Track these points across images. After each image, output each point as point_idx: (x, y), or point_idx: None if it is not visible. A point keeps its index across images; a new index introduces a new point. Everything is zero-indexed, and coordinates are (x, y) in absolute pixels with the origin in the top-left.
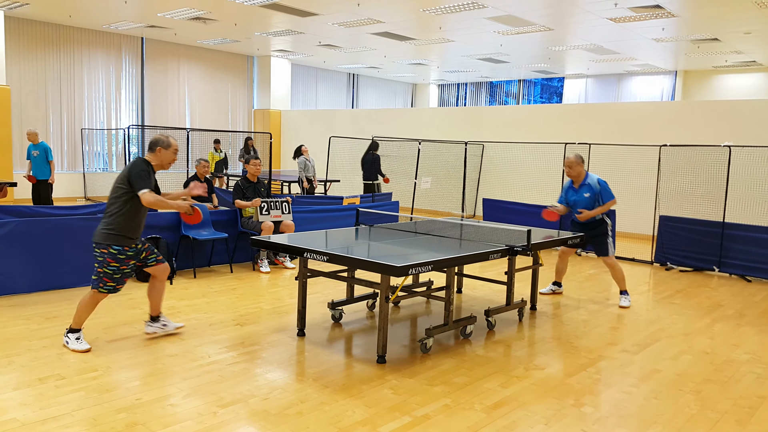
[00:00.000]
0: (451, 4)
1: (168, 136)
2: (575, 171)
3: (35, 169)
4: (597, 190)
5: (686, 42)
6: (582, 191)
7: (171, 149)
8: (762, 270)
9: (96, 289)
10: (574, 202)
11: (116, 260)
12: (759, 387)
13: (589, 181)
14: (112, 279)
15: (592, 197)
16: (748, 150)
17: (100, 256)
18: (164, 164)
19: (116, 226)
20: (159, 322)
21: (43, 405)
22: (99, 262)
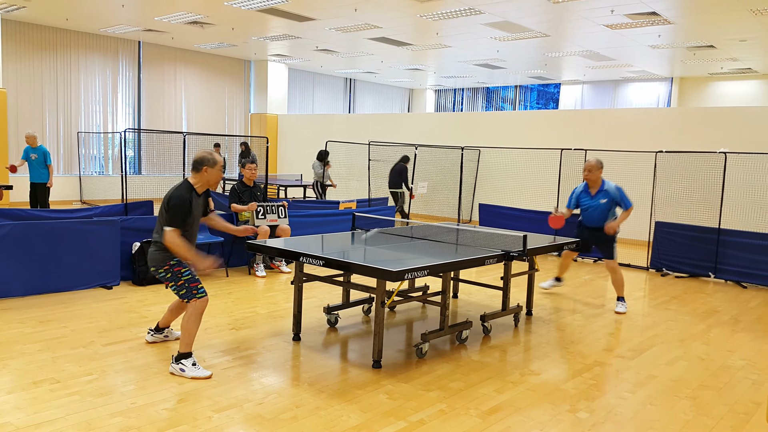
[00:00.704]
0: (448, 10)
1: (212, 153)
2: (594, 176)
3: (33, 173)
4: (615, 196)
5: (682, 49)
6: (599, 197)
7: (217, 167)
8: (757, 276)
9: (194, 299)
10: (587, 206)
11: (182, 264)
12: (754, 393)
13: (607, 187)
14: (196, 280)
15: (609, 204)
16: (744, 157)
17: (168, 273)
18: (211, 184)
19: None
20: (162, 333)
21: (38, 409)
22: (170, 279)
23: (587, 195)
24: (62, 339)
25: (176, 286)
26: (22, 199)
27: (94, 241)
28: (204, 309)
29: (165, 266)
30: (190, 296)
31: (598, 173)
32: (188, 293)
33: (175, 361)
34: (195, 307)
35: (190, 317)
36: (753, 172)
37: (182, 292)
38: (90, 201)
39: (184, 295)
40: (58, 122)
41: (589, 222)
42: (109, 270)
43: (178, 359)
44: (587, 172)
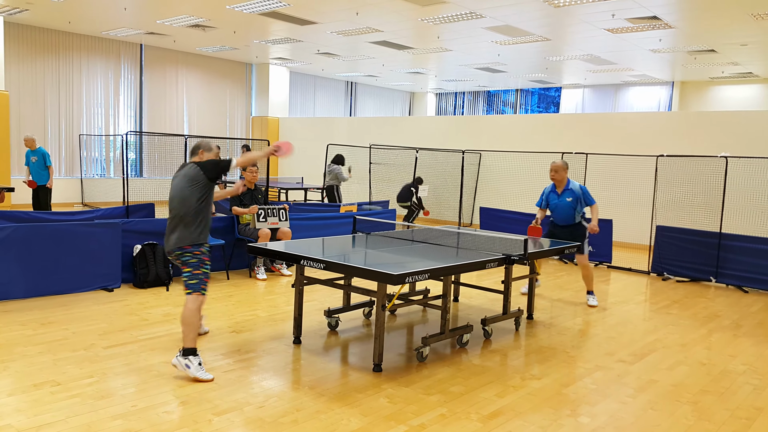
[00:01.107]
0: (449, 14)
1: (209, 141)
2: (560, 176)
3: (34, 175)
4: (579, 195)
5: (683, 53)
6: (564, 196)
7: (212, 153)
8: (759, 281)
9: (198, 293)
10: (555, 205)
11: (209, 257)
12: (756, 398)
13: (572, 186)
14: (208, 278)
15: (574, 201)
16: (745, 161)
17: (194, 258)
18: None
19: (201, 225)
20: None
21: (38, 411)
22: (194, 264)
23: (555, 194)
24: (63, 341)
25: (192, 274)
26: (24, 201)
27: (96, 243)
28: (202, 306)
29: (197, 251)
30: (197, 288)
31: (563, 173)
32: (198, 285)
33: (183, 355)
34: (197, 300)
35: (192, 311)
36: (754, 177)
37: (193, 282)
38: (91, 203)
39: (194, 285)
40: (60, 125)
41: (558, 220)
42: (110, 272)
43: (186, 354)
44: (554, 172)
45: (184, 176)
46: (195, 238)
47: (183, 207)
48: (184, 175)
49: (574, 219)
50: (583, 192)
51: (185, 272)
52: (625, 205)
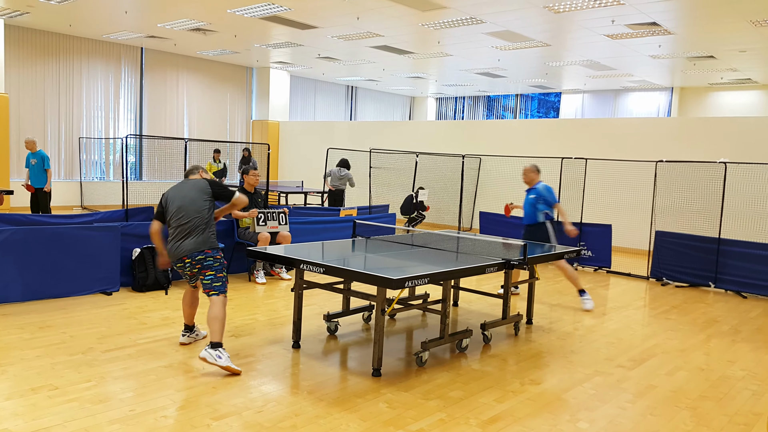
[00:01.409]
0: (450, 19)
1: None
2: (528, 178)
3: (33, 178)
4: (542, 193)
5: (682, 59)
6: (529, 194)
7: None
8: (757, 286)
9: (224, 294)
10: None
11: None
12: (755, 404)
13: (537, 186)
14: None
15: (535, 199)
16: (744, 167)
17: (217, 262)
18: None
19: (214, 231)
20: (194, 332)
21: (36, 415)
22: (217, 268)
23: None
24: (61, 345)
25: (216, 277)
26: (23, 204)
27: (95, 246)
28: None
29: (218, 254)
30: (223, 290)
31: (531, 175)
32: (223, 287)
33: (212, 347)
34: (224, 300)
35: (222, 307)
36: (753, 182)
37: (218, 284)
38: (91, 206)
39: (220, 287)
40: (60, 127)
41: (524, 219)
42: (108, 276)
43: (215, 346)
44: (524, 175)
45: (196, 188)
46: (214, 242)
47: (199, 215)
48: (196, 187)
49: (536, 218)
50: (546, 191)
51: (209, 275)
52: (625, 210)
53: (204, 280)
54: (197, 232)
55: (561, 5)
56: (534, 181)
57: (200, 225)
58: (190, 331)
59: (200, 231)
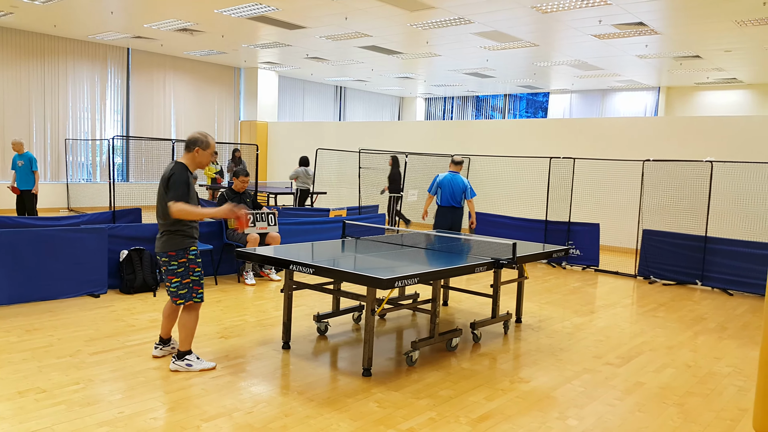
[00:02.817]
0: (438, 19)
1: (206, 135)
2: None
3: (20, 180)
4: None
5: (669, 59)
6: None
7: (209, 150)
8: (743, 284)
9: (191, 302)
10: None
11: (196, 263)
12: (740, 399)
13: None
14: (200, 285)
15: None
16: (730, 165)
17: (180, 267)
18: (202, 165)
19: (183, 227)
20: (169, 345)
21: (23, 419)
22: (181, 274)
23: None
24: (48, 348)
25: (181, 283)
26: (9, 206)
27: (82, 248)
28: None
29: (182, 258)
30: (188, 298)
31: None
32: (188, 294)
33: (179, 358)
34: (193, 307)
35: (189, 316)
36: (739, 181)
37: (182, 292)
38: (77, 208)
39: (183, 295)
40: (46, 129)
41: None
42: (96, 278)
43: (180, 356)
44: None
45: (163, 179)
46: (174, 243)
47: (161, 210)
48: (163, 176)
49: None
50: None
51: (174, 282)
52: (612, 209)
53: (170, 287)
54: (160, 229)
55: (548, 5)
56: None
57: (161, 221)
58: (164, 344)
59: (161, 228)
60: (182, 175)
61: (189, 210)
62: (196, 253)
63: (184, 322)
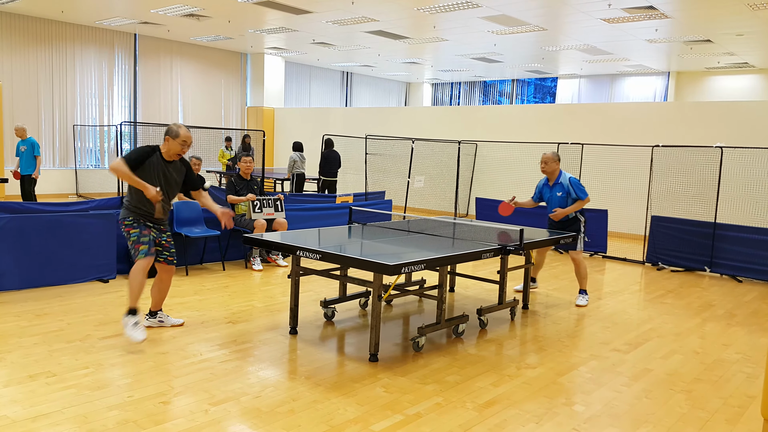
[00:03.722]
0: (445, 4)
1: (180, 126)
2: (550, 168)
3: (23, 165)
4: (568, 188)
5: (679, 43)
6: (555, 189)
7: (178, 140)
8: (752, 270)
9: (137, 258)
10: (548, 199)
11: (134, 227)
12: (749, 386)
13: (562, 179)
14: (141, 243)
15: (564, 195)
16: (740, 151)
17: (124, 233)
18: (171, 154)
19: (130, 199)
20: (156, 318)
21: (34, 402)
22: (126, 237)
23: (548, 187)
24: (58, 332)
25: (128, 246)
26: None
27: (90, 234)
28: (145, 267)
29: (122, 226)
30: (134, 255)
31: (554, 165)
32: (133, 253)
33: (126, 314)
34: (138, 264)
35: (133, 273)
36: (749, 167)
37: (131, 253)
38: (86, 194)
39: (132, 255)
40: (54, 115)
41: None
42: (105, 263)
43: (128, 313)
44: (543, 164)
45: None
46: (122, 213)
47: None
48: None
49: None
50: (573, 185)
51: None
52: (621, 195)
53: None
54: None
55: None
56: (556, 173)
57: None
58: (152, 316)
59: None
60: (145, 149)
61: (124, 171)
62: (131, 222)
63: (131, 279)
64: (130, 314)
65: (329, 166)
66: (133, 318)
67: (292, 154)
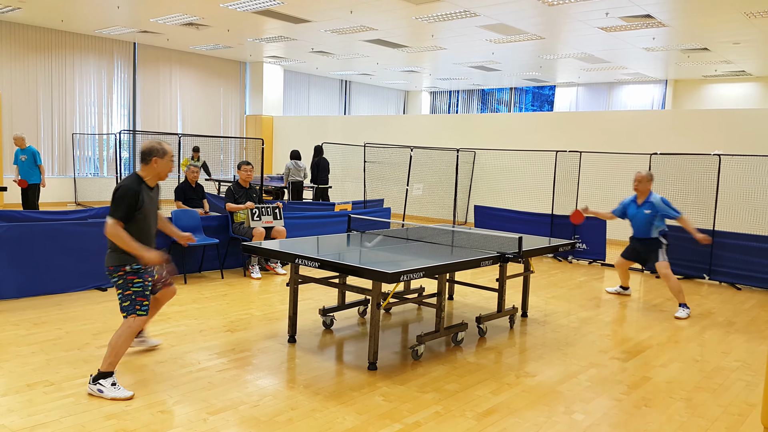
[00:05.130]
0: (443, 12)
1: (161, 142)
2: (643, 187)
3: (23, 174)
4: (660, 208)
5: (676, 51)
6: (644, 207)
7: (167, 157)
8: (751, 278)
9: (134, 314)
10: (633, 216)
11: (138, 276)
12: (749, 394)
13: (652, 199)
14: (144, 296)
15: (652, 214)
16: (738, 159)
17: (120, 280)
18: (161, 176)
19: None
20: (138, 337)
21: (32, 411)
22: (122, 287)
23: (634, 204)
24: (57, 341)
25: (123, 295)
26: (17, 200)
27: (89, 242)
28: (139, 329)
29: (120, 272)
30: (131, 311)
31: (647, 185)
32: (131, 307)
33: (93, 381)
34: (130, 325)
35: (122, 335)
36: (747, 174)
37: (125, 304)
38: (84, 202)
39: (127, 308)
40: (53, 124)
41: (635, 232)
42: (103, 272)
43: (96, 379)
44: (637, 183)
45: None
46: (113, 258)
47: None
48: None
49: (650, 233)
50: (664, 204)
51: (118, 294)
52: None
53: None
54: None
55: None
56: (647, 192)
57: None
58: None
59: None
60: (130, 190)
61: (122, 237)
62: (137, 268)
63: (115, 340)
64: (104, 378)
65: (321, 173)
66: (110, 379)
67: (287, 163)
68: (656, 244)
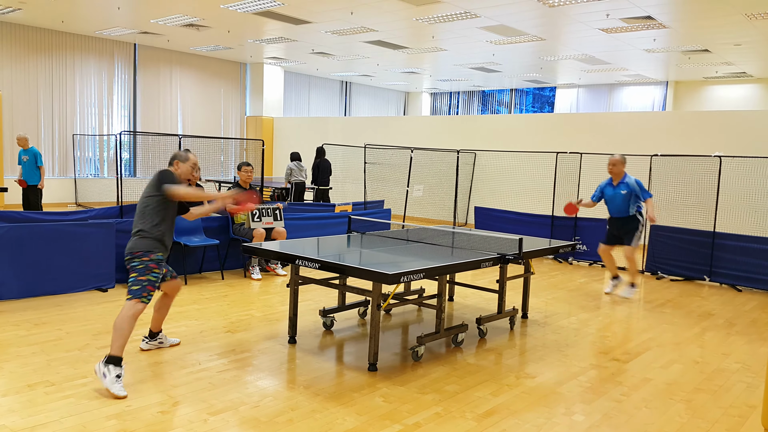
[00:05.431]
0: (444, 14)
1: (188, 150)
2: (618, 169)
3: (25, 175)
4: (634, 188)
5: (677, 53)
6: (620, 188)
7: (188, 163)
8: (752, 279)
9: (138, 299)
10: (610, 197)
11: (158, 266)
12: (749, 396)
13: (627, 180)
14: (155, 287)
15: (628, 194)
16: (739, 160)
17: (141, 264)
18: (181, 179)
19: (156, 233)
20: (156, 340)
21: (32, 412)
22: (140, 271)
23: (611, 187)
24: (57, 342)
25: (137, 280)
26: (17, 201)
27: (89, 243)
28: (139, 314)
29: (145, 257)
30: (138, 295)
31: (621, 167)
32: (139, 292)
33: (105, 362)
34: (133, 307)
35: (125, 318)
36: (748, 176)
37: (135, 288)
38: (85, 203)
39: (135, 291)
40: (54, 124)
41: (613, 211)
42: (104, 272)
43: (108, 361)
44: (611, 165)
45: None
46: (139, 245)
47: (137, 213)
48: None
49: (628, 211)
50: (638, 186)
51: (131, 277)
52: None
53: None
54: (134, 230)
55: None
56: (622, 174)
57: (141, 223)
58: (152, 338)
59: (134, 229)
60: (168, 171)
61: (192, 190)
62: (160, 258)
63: (119, 323)
64: (111, 363)
65: (323, 174)
66: (116, 369)
67: (289, 164)
68: (634, 223)
